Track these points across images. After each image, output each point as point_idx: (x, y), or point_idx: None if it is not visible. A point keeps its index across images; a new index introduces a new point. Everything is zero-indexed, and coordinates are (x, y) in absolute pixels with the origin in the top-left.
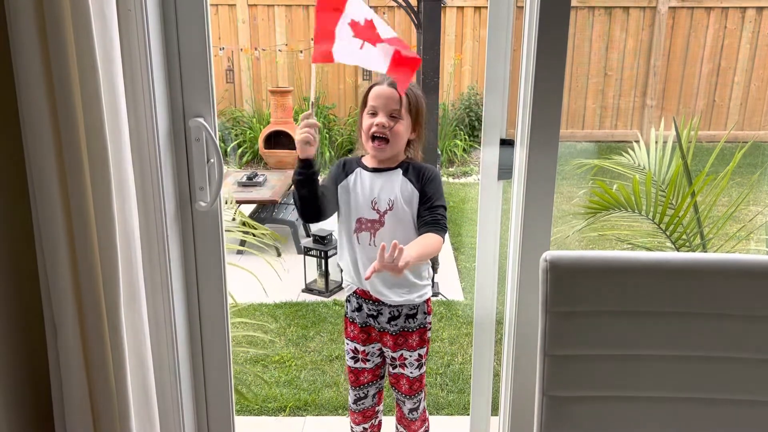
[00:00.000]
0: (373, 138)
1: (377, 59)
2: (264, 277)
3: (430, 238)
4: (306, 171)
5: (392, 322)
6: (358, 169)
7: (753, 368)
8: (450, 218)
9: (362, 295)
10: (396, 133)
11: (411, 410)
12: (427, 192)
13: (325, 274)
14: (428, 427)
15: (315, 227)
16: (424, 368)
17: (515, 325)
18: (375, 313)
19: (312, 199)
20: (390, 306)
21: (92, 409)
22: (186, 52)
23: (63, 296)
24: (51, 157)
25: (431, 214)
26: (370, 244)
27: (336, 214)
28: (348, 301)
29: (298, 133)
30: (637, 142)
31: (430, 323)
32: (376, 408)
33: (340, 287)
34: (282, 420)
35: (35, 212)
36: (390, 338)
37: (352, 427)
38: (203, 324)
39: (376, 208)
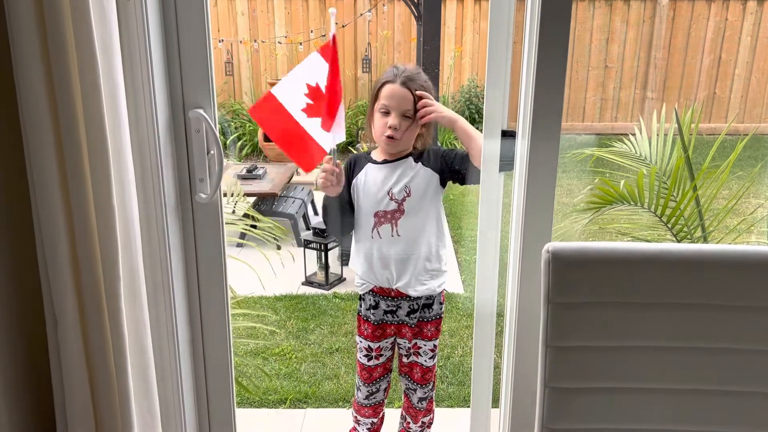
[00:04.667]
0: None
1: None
2: (264, 271)
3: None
4: (333, 201)
5: (411, 315)
6: (368, 165)
7: (755, 359)
8: (450, 211)
9: (379, 293)
10: (408, 133)
11: (421, 399)
12: (448, 156)
13: (325, 267)
14: (433, 418)
15: (315, 220)
16: (436, 358)
17: (516, 317)
18: (394, 308)
19: (339, 215)
20: (409, 300)
21: (93, 399)
22: (185, 43)
23: (63, 287)
24: (51, 149)
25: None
26: (392, 235)
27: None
28: (362, 299)
29: (318, 177)
30: (638, 131)
31: (443, 313)
32: (384, 401)
33: (340, 280)
34: (282, 412)
35: (35, 203)
36: (408, 330)
37: (357, 419)
38: (204, 315)
39: (393, 198)
